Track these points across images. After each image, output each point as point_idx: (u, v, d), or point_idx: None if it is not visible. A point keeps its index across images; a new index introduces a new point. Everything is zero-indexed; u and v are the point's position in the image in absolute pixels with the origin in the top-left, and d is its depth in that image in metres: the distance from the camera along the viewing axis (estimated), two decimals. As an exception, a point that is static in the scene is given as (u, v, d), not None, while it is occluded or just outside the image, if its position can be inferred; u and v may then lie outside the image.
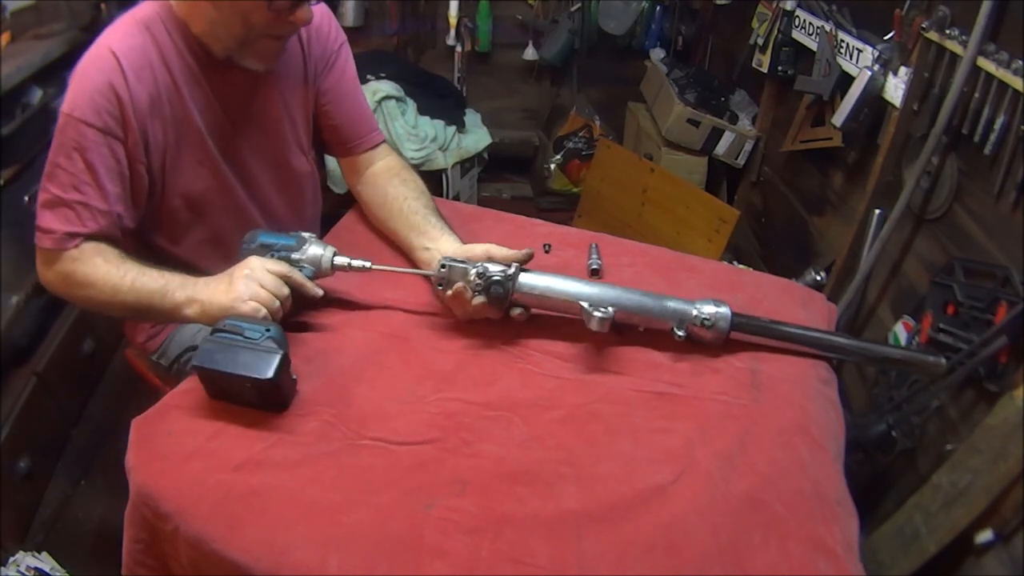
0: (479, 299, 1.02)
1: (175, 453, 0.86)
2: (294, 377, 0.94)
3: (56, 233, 1.01)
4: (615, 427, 0.96)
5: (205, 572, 0.81)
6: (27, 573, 1.50)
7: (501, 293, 1.00)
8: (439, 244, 1.14)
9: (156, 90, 1.03)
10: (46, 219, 1.02)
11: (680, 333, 1.05)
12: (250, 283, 0.97)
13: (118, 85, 0.99)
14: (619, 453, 0.92)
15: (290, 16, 1.00)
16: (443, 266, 1.01)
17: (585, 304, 1.01)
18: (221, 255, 1.20)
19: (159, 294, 1.01)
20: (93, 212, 1.02)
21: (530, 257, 1.06)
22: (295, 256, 1.04)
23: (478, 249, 1.06)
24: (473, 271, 1.01)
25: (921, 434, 1.51)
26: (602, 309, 0.99)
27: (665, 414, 0.99)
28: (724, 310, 1.05)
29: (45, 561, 1.54)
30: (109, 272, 1.02)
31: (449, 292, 1.02)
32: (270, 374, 0.86)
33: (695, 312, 1.04)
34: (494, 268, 1.01)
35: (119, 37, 1.01)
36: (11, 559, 1.52)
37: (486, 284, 1.00)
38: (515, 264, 1.02)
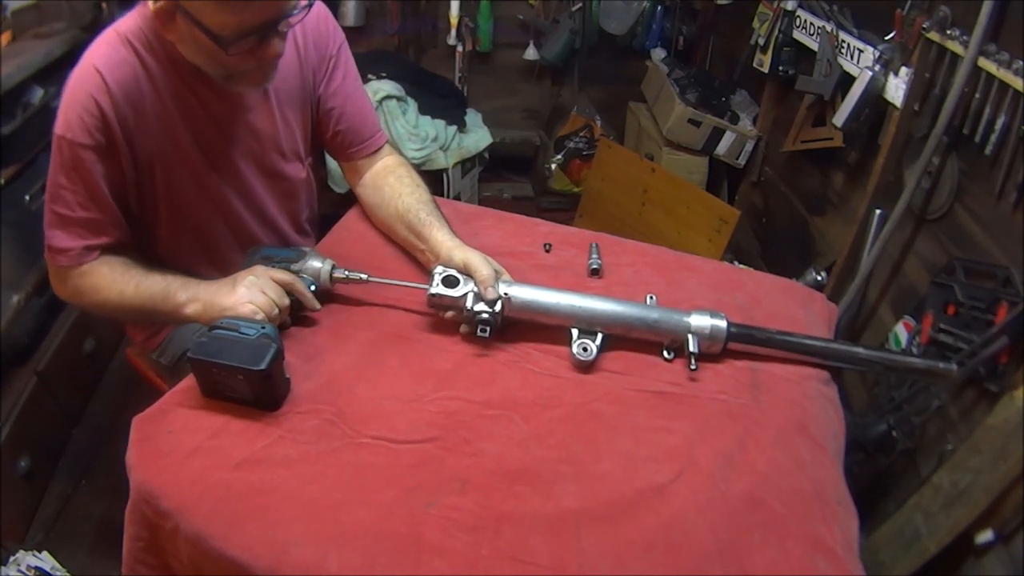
0: (466, 328, 1.07)
1: (176, 451, 0.86)
2: (287, 377, 0.95)
3: (73, 251, 1.04)
4: (615, 426, 0.96)
5: (205, 570, 0.81)
6: (28, 572, 1.50)
7: (488, 329, 1.04)
8: (429, 244, 1.14)
9: (141, 104, 1.02)
10: (58, 239, 1.04)
11: (668, 356, 1.08)
12: (253, 288, 1.00)
13: (103, 101, 0.98)
14: (619, 452, 0.92)
15: (259, 52, 0.97)
16: (433, 295, 1.05)
17: (575, 332, 1.06)
18: (219, 262, 1.21)
19: (161, 296, 1.04)
20: (103, 225, 1.05)
21: (495, 282, 1.05)
22: (294, 268, 1.07)
23: (457, 258, 1.07)
24: (462, 303, 1.04)
25: (921, 434, 1.51)
26: (588, 344, 1.04)
27: (665, 413, 0.99)
28: (720, 323, 1.05)
29: (46, 560, 1.55)
30: (115, 280, 1.06)
31: (443, 315, 1.08)
32: (263, 365, 0.86)
33: (689, 331, 1.05)
34: (481, 306, 1.03)
35: (102, 53, 1.00)
36: (12, 558, 1.52)
37: (473, 320, 1.04)
38: (501, 297, 1.04)
